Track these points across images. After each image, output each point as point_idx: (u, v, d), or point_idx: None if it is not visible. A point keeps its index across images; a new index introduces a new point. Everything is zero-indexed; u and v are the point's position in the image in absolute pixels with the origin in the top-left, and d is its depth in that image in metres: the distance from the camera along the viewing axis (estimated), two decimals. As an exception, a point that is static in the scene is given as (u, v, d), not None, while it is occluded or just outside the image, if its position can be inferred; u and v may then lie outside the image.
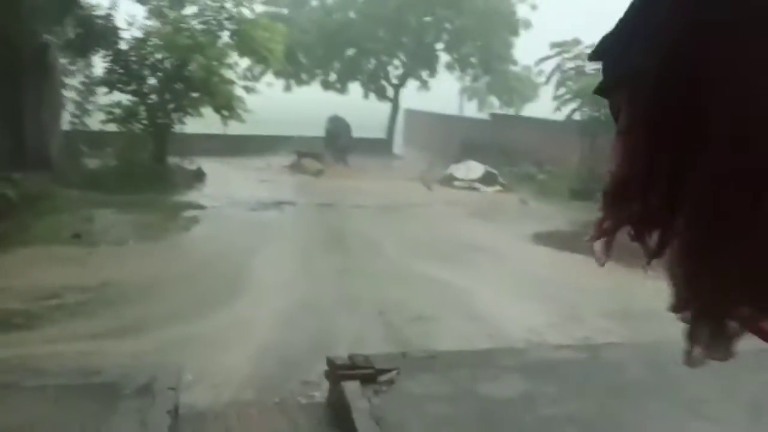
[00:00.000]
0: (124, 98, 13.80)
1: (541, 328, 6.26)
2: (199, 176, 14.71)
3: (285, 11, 24.23)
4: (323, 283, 7.57)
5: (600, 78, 0.71)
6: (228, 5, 14.11)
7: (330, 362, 4.24)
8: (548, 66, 14.54)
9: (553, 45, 13.81)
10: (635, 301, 7.50)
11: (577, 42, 13.58)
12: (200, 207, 11.83)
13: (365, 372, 4.03)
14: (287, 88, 25.22)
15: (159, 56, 13.44)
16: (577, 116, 13.74)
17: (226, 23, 14.23)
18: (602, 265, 0.98)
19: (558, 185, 15.73)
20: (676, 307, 0.83)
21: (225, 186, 14.28)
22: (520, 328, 6.21)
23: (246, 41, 14.25)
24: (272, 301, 6.79)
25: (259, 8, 22.57)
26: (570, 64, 13.60)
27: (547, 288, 7.85)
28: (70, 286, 6.65)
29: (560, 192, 15.32)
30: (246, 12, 14.44)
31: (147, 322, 5.83)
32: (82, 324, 5.73)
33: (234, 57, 14.74)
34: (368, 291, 7.27)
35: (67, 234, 8.75)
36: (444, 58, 25.37)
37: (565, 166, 16.21)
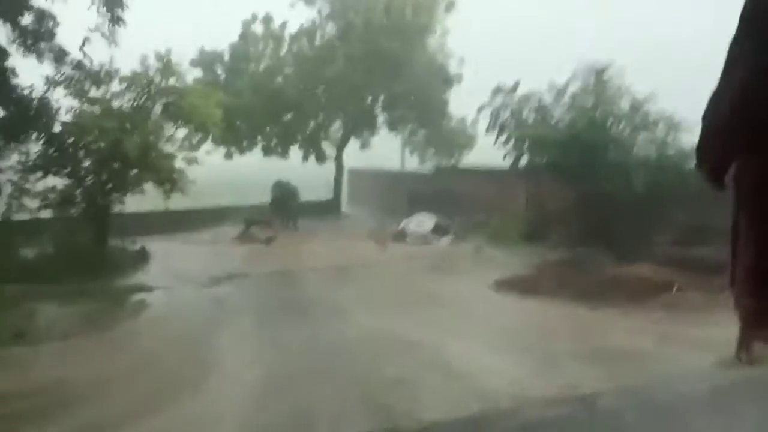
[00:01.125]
0: (60, 182, 13.21)
1: (522, 379, 6.11)
2: (143, 256, 14.08)
3: (221, 76, 24.30)
4: (290, 358, 7.22)
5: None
6: (157, 79, 13.92)
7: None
8: (486, 114, 14.92)
9: (494, 91, 14.25)
10: (605, 340, 7.53)
11: (515, 88, 14.06)
12: (148, 289, 11.23)
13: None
14: (228, 156, 24.97)
15: (92, 137, 13.00)
16: (522, 162, 14.10)
17: (157, 96, 14.00)
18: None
19: (508, 231, 15.97)
20: None
21: (172, 264, 13.70)
22: (502, 382, 6.04)
23: (180, 111, 14.04)
24: (239, 383, 6.38)
25: (196, 73, 22.76)
26: (506, 113, 14.05)
27: (519, 336, 7.80)
28: (15, 393, 6.05)
29: (511, 237, 15.54)
30: (173, 82, 14.26)
31: (103, 423, 5.33)
32: (32, 435, 5.18)
33: (170, 129, 14.45)
34: (339, 359, 6.99)
35: (7, 334, 8.06)
36: (383, 116, 25.90)
37: (512, 211, 16.52)
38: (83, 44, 12.38)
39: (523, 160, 13.96)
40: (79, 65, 12.58)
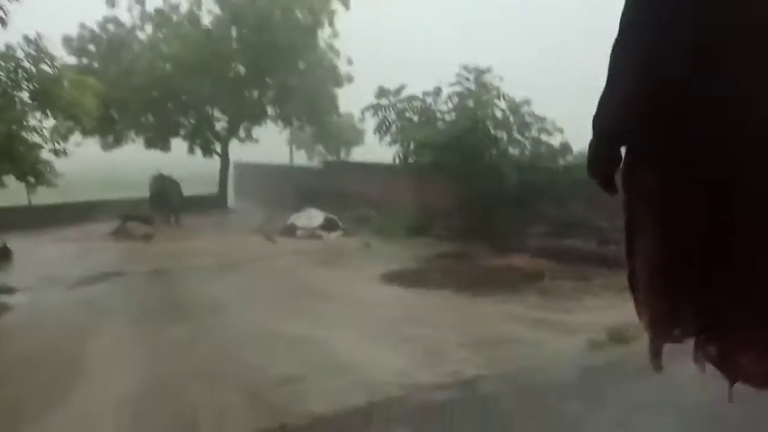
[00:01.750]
0: None
1: (409, 369, 6.26)
2: (4, 255, 12.85)
3: (95, 64, 22.58)
4: (170, 359, 6.88)
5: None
6: (25, 64, 12.67)
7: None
8: (372, 114, 15.16)
9: (380, 93, 14.47)
10: (486, 328, 7.92)
11: (400, 90, 14.39)
12: (9, 291, 10.24)
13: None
14: (106, 147, 23.32)
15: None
16: (408, 159, 14.48)
17: (25, 83, 12.74)
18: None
19: (395, 225, 16.32)
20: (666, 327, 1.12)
21: (37, 263, 12.63)
22: (390, 373, 6.15)
23: (49, 99, 12.87)
24: (115, 388, 5.97)
25: (70, 60, 20.95)
26: (392, 114, 14.42)
27: (404, 327, 7.96)
28: None
29: (398, 231, 15.89)
30: (47, 68, 13.05)
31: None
32: None
33: (38, 117, 13.20)
34: (223, 360, 6.77)
35: None
36: (272, 110, 25.44)
37: (398, 206, 16.91)
38: None
39: (409, 159, 14.37)
40: None
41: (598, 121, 1.15)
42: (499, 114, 13.81)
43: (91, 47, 22.95)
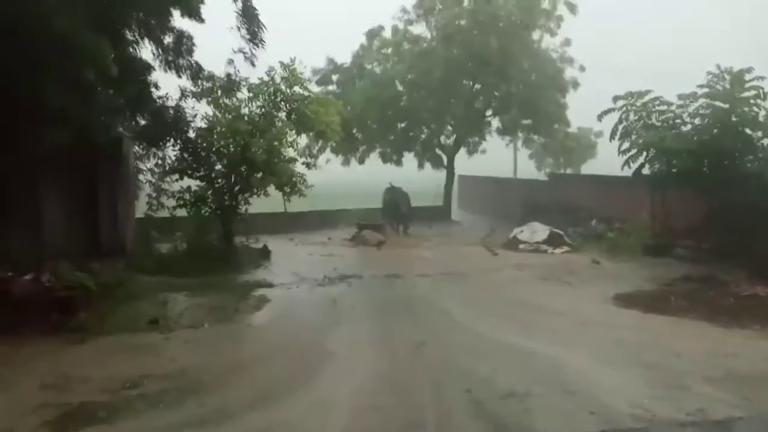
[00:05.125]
0: (193, 183, 14.31)
1: (645, 401, 5.72)
2: (265, 254, 14.89)
3: (335, 89, 25.10)
4: (402, 360, 7.26)
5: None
6: (282, 87, 14.65)
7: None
8: (607, 125, 14.20)
9: (616, 98, 13.48)
10: (739, 363, 6.87)
11: (642, 93, 13.21)
12: (269, 285, 11.85)
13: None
14: (346, 163, 25.75)
15: (223, 142, 13.97)
16: (645, 170, 13.24)
17: (282, 104, 14.74)
18: None
19: (629, 243, 15.10)
20: None
21: (291, 262, 14.36)
22: (622, 402, 5.69)
23: (302, 118, 14.69)
24: (352, 382, 6.51)
25: (312, 88, 23.71)
26: (633, 116, 13.22)
27: (641, 354, 7.28)
28: (150, 375, 6.60)
29: (632, 249, 14.69)
30: (298, 90, 14.94)
31: (229, 410, 5.66)
32: (165, 415, 5.61)
33: (293, 135, 15.16)
34: (451, 366, 6.92)
35: (143, 321, 8.83)
36: (496, 122, 25.53)
37: (634, 222, 15.60)
38: (228, 64, 13.60)
39: (648, 168, 13.14)
40: (212, 77, 13.62)
41: None
42: (761, 116, 11.88)
43: (333, 76, 25.51)
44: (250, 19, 12.42)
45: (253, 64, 13.06)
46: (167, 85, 13.30)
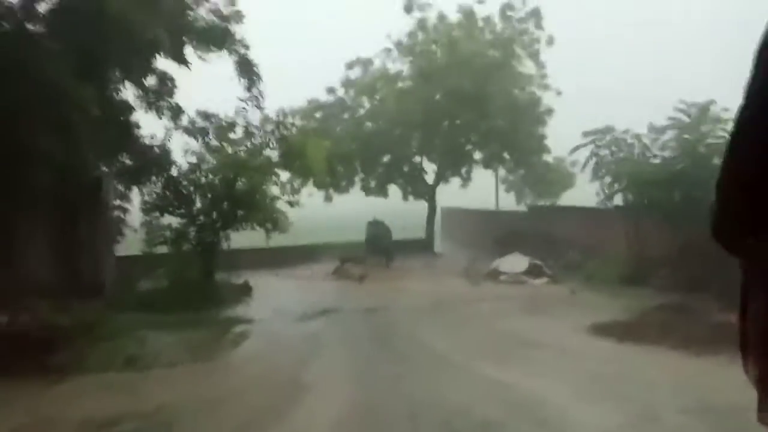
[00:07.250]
0: (174, 221, 14.39)
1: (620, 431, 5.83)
2: (245, 290, 14.89)
3: (315, 125, 25.43)
4: (379, 392, 7.32)
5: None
6: (271, 126, 14.94)
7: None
8: (582, 154, 14.64)
9: (586, 134, 13.96)
10: (713, 394, 7.00)
11: (609, 129, 13.71)
12: (248, 321, 11.87)
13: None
14: (327, 199, 25.90)
15: (211, 177, 14.15)
16: (618, 201, 13.61)
17: (272, 141, 15.00)
18: None
19: (606, 273, 15.32)
20: None
21: (271, 297, 14.38)
22: (596, 433, 5.81)
23: (290, 157, 14.93)
24: (328, 411, 6.57)
25: (296, 121, 24.03)
26: (604, 151, 13.66)
27: (615, 385, 7.40)
28: (126, 414, 6.59)
29: (609, 279, 14.89)
30: (288, 125, 15.24)
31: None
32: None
33: (278, 174, 15.38)
34: (428, 397, 6.99)
35: (120, 359, 8.80)
36: (477, 154, 25.92)
37: (610, 253, 15.86)
38: (239, 113, 14.27)
39: (621, 199, 13.49)
40: (206, 116, 13.94)
41: (721, 183, 1.06)
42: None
43: (317, 114, 25.88)
44: (247, 73, 12.84)
45: (261, 109, 13.65)
46: (154, 123, 13.60)
